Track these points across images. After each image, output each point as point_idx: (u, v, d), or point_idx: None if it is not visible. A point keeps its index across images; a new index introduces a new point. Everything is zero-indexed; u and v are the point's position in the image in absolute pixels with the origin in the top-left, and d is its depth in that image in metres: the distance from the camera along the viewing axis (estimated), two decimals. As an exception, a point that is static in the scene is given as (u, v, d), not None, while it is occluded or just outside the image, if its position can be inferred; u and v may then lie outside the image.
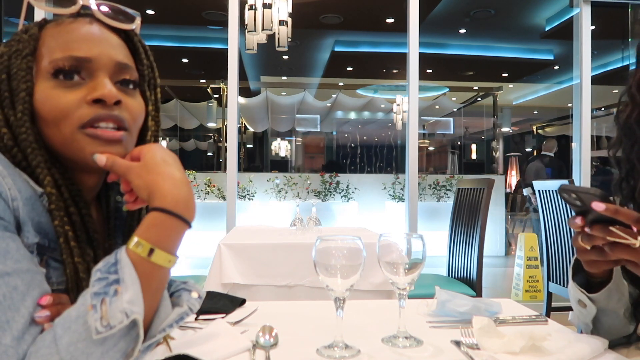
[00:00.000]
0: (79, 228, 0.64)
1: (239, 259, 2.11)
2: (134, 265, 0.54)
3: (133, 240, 0.56)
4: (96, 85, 0.64)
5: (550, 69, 8.97)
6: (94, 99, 0.63)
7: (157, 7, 6.15)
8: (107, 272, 0.54)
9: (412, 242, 0.87)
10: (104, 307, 0.51)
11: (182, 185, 0.59)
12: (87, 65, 0.64)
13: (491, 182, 2.50)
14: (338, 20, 6.74)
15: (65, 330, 0.52)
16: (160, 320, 0.56)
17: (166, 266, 0.57)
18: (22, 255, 0.56)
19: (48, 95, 0.63)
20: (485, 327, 0.81)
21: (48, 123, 0.63)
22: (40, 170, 0.62)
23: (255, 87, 10.44)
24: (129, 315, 0.51)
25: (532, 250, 4.22)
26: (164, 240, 0.57)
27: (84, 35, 0.65)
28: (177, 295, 0.62)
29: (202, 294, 0.62)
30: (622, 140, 0.98)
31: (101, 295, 0.52)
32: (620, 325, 0.88)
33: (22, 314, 0.53)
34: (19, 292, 0.54)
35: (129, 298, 0.52)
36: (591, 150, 3.84)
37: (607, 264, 0.75)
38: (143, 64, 0.71)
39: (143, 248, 0.55)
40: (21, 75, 0.63)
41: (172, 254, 0.57)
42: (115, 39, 0.68)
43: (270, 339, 0.83)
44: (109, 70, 0.66)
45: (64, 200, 0.63)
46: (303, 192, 6.67)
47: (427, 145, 14.41)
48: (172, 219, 0.57)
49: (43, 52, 0.64)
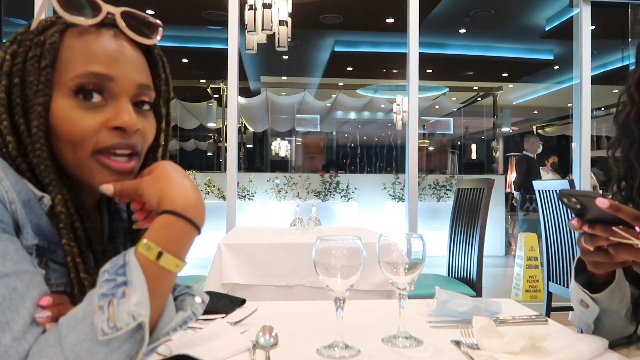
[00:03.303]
0: (83, 242, 0.63)
1: (239, 259, 2.11)
2: (142, 268, 0.54)
3: (142, 242, 0.56)
4: (118, 111, 0.62)
5: (550, 69, 8.97)
6: (115, 127, 0.62)
7: (157, 7, 6.15)
8: (115, 274, 0.54)
9: (412, 242, 0.87)
10: (112, 308, 0.51)
11: (192, 191, 0.60)
12: (108, 84, 0.62)
13: (491, 182, 2.51)
14: (338, 20, 6.74)
15: (71, 329, 0.52)
16: (165, 324, 0.56)
17: (174, 270, 0.56)
18: (21, 256, 0.56)
19: (68, 116, 0.61)
20: (485, 327, 0.81)
21: (63, 142, 0.61)
22: (52, 188, 0.61)
23: (255, 87, 10.44)
24: (136, 318, 0.51)
25: (532, 250, 4.22)
26: (173, 244, 0.56)
27: (108, 52, 0.63)
28: (181, 299, 0.62)
29: (205, 299, 0.62)
30: (621, 139, 0.98)
31: (109, 297, 0.52)
32: (622, 325, 0.88)
33: (21, 315, 0.53)
34: (18, 292, 0.54)
35: (136, 301, 0.52)
36: (591, 150, 3.84)
37: (611, 265, 0.75)
38: (160, 78, 0.70)
39: (152, 251, 0.55)
40: (39, 88, 0.60)
41: (180, 258, 0.57)
42: (139, 57, 0.66)
43: (270, 339, 0.83)
44: (130, 93, 0.64)
45: (70, 215, 0.62)
46: (303, 192, 6.67)
47: (427, 145, 14.41)
48: (181, 221, 0.57)
49: (63, 64, 0.61)
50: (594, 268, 0.77)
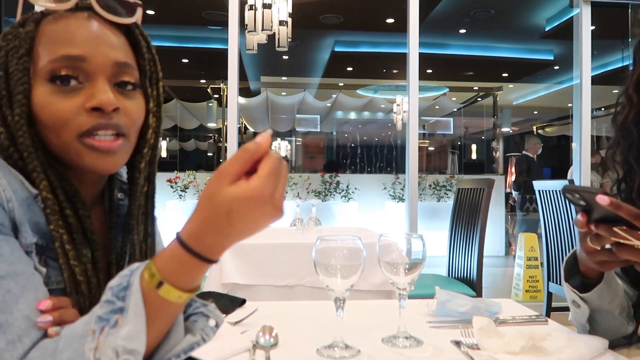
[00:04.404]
0: (75, 230, 0.62)
1: (239, 259, 2.11)
2: (144, 294, 0.50)
3: (149, 265, 0.52)
4: (94, 92, 0.62)
5: (550, 69, 8.97)
6: (92, 107, 0.61)
7: (157, 7, 6.15)
8: (115, 296, 0.51)
9: (412, 242, 0.87)
10: (101, 337, 0.49)
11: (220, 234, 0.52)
12: (82, 66, 0.62)
13: (491, 182, 2.51)
14: (338, 20, 6.74)
15: (67, 346, 0.50)
16: (170, 347, 0.53)
17: (176, 302, 0.52)
18: (17, 257, 0.55)
19: (46, 102, 0.61)
20: (485, 327, 0.81)
21: (47, 128, 0.62)
22: (37, 174, 0.61)
23: (255, 87, 10.43)
24: (120, 355, 0.48)
25: (532, 250, 4.22)
26: (179, 276, 0.51)
27: (80, 33, 0.63)
28: (194, 320, 0.57)
29: (219, 322, 0.58)
30: (620, 141, 0.98)
31: (103, 322, 0.50)
32: (617, 325, 0.88)
33: (15, 317, 0.52)
34: (13, 295, 0.53)
35: (127, 334, 0.49)
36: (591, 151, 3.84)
37: (618, 263, 0.75)
38: (144, 58, 0.68)
39: (154, 279, 0.51)
40: (18, 76, 0.61)
41: (186, 290, 0.52)
42: (115, 36, 0.65)
43: (270, 339, 0.83)
44: (106, 72, 0.63)
45: (60, 203, 0.61)
46: (303, 192, 6.67)
47: (427, 145, 14.40)
48: (191, 257, 0.51)
49: (40, 52, 0.62)
50: (602, 267, 0.77)
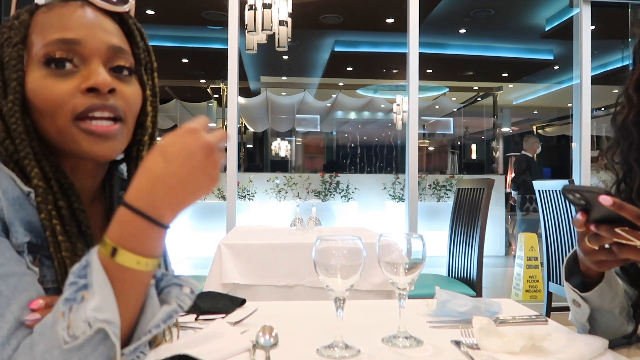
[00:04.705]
0: (68, 222, 0.61)
1: (239, 259, 2.11)
2: (105, 268, 0.50)
3: (102, 238, 0.52)
4: (89, 74, 0.62)
5: (550, 69, 8.97)
6: (88, 88, 0.61)
7: (157, 7, 6.15)
8: (78, 276, 0.50)
9: (412, 242, 0.87)
10: (71, 315, 0.48)
11: (159, 181, 0.51)
12: (77, 49, 0.62)
13: (491, 182, 2.51)
14: (338, 20, 6.74)
15: (41, 337, 0.50)
16: (147, 321, 0.53)
17: (135, 268, 0.51)
18: (7, 258, 0.55)
19: (40, 86, 0.61)
20: (485, 327, 0.81)
21: (42, 114, 0.62)
22: (28, 162, 0.60)
23: (255, 87, 10.43)
24: (92, 325, 0.48)
25: (532, 250, 4.22)
26: (130, 240, 0.51)
27: (74, 19, 0.63)
28: (167, 291, 0.57)
29: (194, 288, 0.57)
30: (620, 142, 0.98)
31: (70, 302, 0.49)
32: (617, 324, 0.88)
33: (6, 319, 0.52)
34: (4, 296, 0.53)
35: (95, 305, 0.48)
36: (591, 150, 3.84)
37: (617, 262, 0.75)
38: (139, 47, 0.69)
39: (106, 247, 0.51)
40: (12, 64, 0.61)
41: (142, 255, 0.51)
42: (109, 23, 0.66)
43: (270, 339, 0.83)
44: (102, 56, 0.64)
45: (53, 193, 0.61)
46: (303, 192, 6.67)
47: (427, 145, 14.41)
48: (136, 217, 0.51)
49: (33, 39, 0.63)
50: (600, 267, 0.77)
